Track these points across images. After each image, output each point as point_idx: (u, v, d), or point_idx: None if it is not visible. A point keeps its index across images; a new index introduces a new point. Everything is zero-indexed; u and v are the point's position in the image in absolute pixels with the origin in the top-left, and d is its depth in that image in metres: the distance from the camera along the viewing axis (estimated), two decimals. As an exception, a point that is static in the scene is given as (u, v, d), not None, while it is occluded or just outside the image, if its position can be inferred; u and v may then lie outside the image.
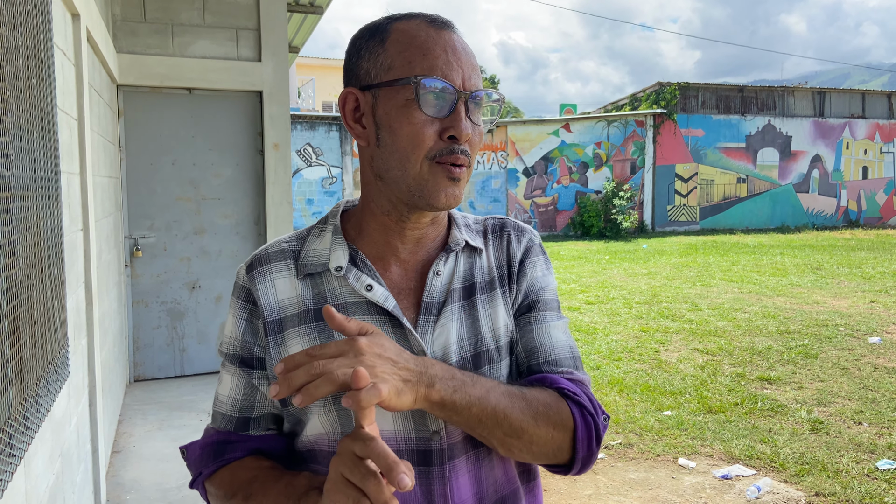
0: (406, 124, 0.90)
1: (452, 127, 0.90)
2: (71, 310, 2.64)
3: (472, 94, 0.92)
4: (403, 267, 1.00)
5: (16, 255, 1.69)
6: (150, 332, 5.52)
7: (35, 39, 2.08)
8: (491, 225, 1.10)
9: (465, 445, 0.96)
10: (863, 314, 7.63)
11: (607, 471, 3.83)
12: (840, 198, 20.30)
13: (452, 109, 0.90)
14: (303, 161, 16.35)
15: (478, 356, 0.99)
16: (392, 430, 0.93)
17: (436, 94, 0.90)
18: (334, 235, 1.00)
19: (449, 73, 0.90)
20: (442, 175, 0.91)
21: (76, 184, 2.99)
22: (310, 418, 0.95)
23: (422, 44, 0.91)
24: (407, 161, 0.91)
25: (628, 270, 11.66)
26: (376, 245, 1.00)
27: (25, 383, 1.73)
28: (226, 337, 1.02)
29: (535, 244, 1.09)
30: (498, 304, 1.03)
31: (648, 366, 5.87)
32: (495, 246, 1.07)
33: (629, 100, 20.49)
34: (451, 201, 0.93)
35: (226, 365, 1.02)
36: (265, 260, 1.00)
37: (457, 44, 0.93)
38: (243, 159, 5.69)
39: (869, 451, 3.96)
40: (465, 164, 0.93)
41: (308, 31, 7.73)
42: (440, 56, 0.91)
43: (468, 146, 0.93)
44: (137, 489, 3.61)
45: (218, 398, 1.03)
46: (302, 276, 0.98)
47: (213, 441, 1.01)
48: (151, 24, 5.24)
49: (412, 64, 0.90)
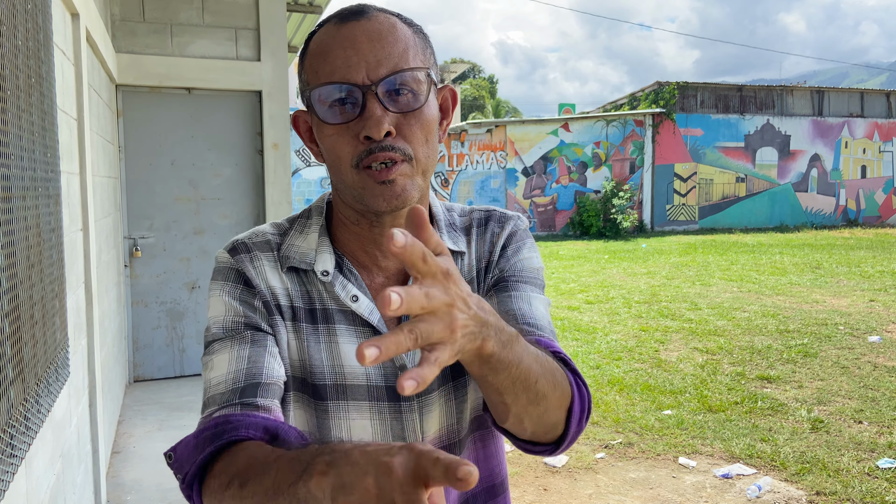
0: (324, 138, 0.88)
1: (364, 127, 0.83)
2: (71, 310, 2.64)
3: (382, 81, 0.83)
4: (385, 275, 0.97)
5: (16, 255, 1.69)
6: (150, 333, 5.51)
7: (35, 39, 2.07)
8: (477, 218, 1.04)
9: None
10: (862, 313, 7.63)
11: (608, 470, 3.82)
12: (839, 197, 20.31)
13: (363, 108, 0.84)
14: (302, 161, 16.34)
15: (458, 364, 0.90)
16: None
17: (335, 100, 0.85)
18: (320, 236, 0.96)
19: (347, 71, 0.83)
20: (370, 181, 0.85)
21: (76, 184, 2.98)
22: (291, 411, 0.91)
23: (323, 49, 0.86)
24: (340, 174, 0.88)
25: (628, 270, 11.67)
26: (357, 253, 0.97)
27: (26, 384, 1.73)
28: (215, 317, 0.90)
29: (521, 229, 1.03)
30: None
31: (648, 365, 5.87)
32: (477, 241, 1.02)
33: (628, 99, 20.50)
34: (395, 202, 0.86)
35: (217, 348, 0.88)
36: (250, 247, 0.95)
37: (359, 33, 0.85)
38: (243, 159, 5.68)
39: (869, 450, 3.96)
40: (396, 159, 0.85)
41: (307, 31, 7.72)
42: (338, 55, 0.84)
43: (400, 138, 0.85)
44: (138, 490, 3.61)
45: (212, 382, 0.86)
46: (285, 269, 0.94)
47: (211, 424, 0.81)
48: (150, 24, 5.23)
49: (318, 74, 0.86)
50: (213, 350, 0.89)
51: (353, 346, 0.92)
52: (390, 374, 0.92)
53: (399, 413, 0.92)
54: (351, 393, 0.91)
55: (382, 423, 0.92)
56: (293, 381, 0.93)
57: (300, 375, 0.93)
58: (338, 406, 0.91)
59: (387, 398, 0.92)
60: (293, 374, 0.93)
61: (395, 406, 0.92)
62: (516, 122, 18.45)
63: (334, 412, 0.91)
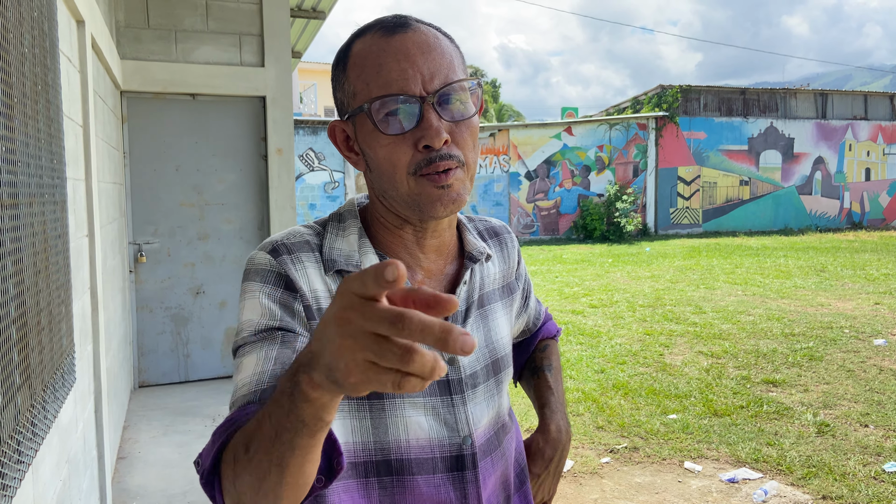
0: (378, 147, 0.89)
1: (423, 136, 0.86)
2: (77, 316, 2.64)
3: (439, 94, 0.87)
4: (428, 276, 1.00)
5: (23, 261, 1.69)
6: (155, 338, 5.52)
7: (41, 46, 2.08)
8: (485, 229, 1.12)
9: (489, 446, 0.99)
10: (867, 316, 7.61)
11: (613, 475, 3.82)
12: (843, 200, 20.27)
13: (420, 118, 0.87)
14: (305, 166, 16.37)
15: (496, 362, 1.03)
16: (427, 438, 0.93)
17: (395, 111, 0.87)
18: (360, 238, 0.96)
19: (405, 83, 0.86)
20: (429, 186, 0.89)
21: (81, 190, 2.99)
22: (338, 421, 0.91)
23: (374, 60, 0.88)
24: (393, 181, 0.90)
25: (631, 273, 11.65)
26: (401, 254, 0.98)
27: (33, 390, 1.73)
28: (249, 320, 0.87)
29: (517, 245, 1.19)
30: (509, 311, 1.09)
31: (653, 369, 5.86)
32: (497, 252, 1.11)
33: (631, 102, 20.49)
34: (452, 206, 0.90)
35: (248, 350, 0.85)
36: (290, 248, 0.92)
37: (411, 45, 0.88)
38: (247, 164, 5.70)
39: (876, 454, 3.95)
40: (452, 166, 0.89)
41: (310, 37, 7.75)
42: (393, 67, 0.86)
43: (454, 146, 0.89)
44: (143, 495, 3.61)
45: (237, 385, 0.84)
46: (331, 272, 0.93)
47: (229, 420, 0.79)
48: (155, 31, 5.25)
49: (369, 85, 0.88)
50: (243, 353, 0.87)
51: None
52: None
53: (452, 407, 0.95)
54: None
55: (436, 417, 0.94)
56: None
57: None
58: (394, 404, 0.92)
59: (439, 392, 0.95)
60: None
61: (448, 400, 0.95)
62: (519, 126, 18.46)
63: (391, 410, 0.92)
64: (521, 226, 18.03)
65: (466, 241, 1.04)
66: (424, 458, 0.93)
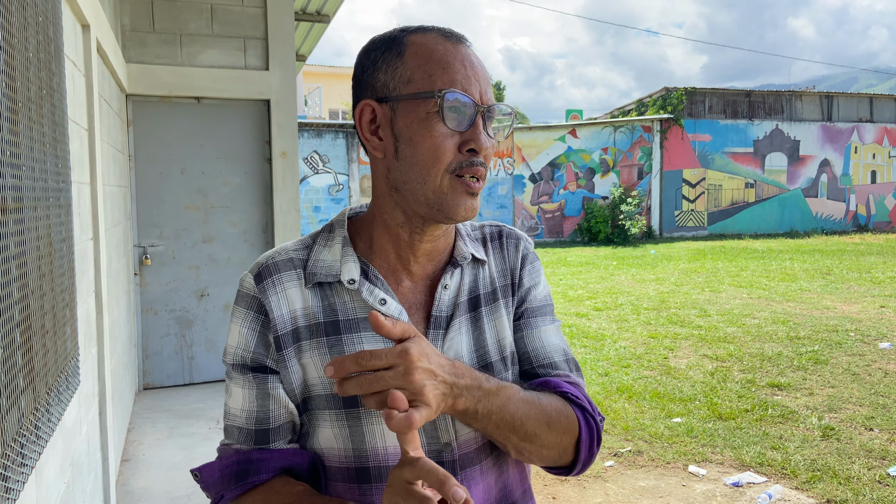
0: (427, 137, 0.91)
1: (473, 140, 0.91)
2: (81, 319, 2.65)
3: (489, 107, 0.93)
4: (413, 280, 1.01)
5: (28, 265, 1.70)
6: (159, 340, 5.54)
7: (46, 51, 2.09)
8: (489, 233, 1.12)
9: (478, 455, 0.98)
10: (873, 319, 7.58)
11: (617, 478, 3.81)
12: (849, 202, 20.21)
13: (472, 123, 0.92)
14: (309, 168, 16.39)
15: (485, 368, 1.01)
16: None
17: (457, 107, 0.91)
18: (344, 247, 0.99)
19: (468, 87, 0.91)
20: (461, 189, 0.92)
21: (86, 193, 3.01)
22: (320, 430, 0.94)
23: (441, 57, 0.92)
24: (427, 174, 0.92)
25: (636, 276, 11.64)
26: (387, 258, 1.00)
27: (37, 393, 1.74)
28: (231, 347, 0.97)
29: (530, 252, 1.13)
30: (501, 315, 1.05)
31: (657, 372, 5.85)
32: (496, 255, 1.10)
33: (636, 105, 20.48)
34: (470, 213, 0.94)
35: (233, 376, 0.98)
36: (274, 269, 0.97)
37: (473, 58, 0.94)
38: (251, 167, 5.71)
39: (881, 458, 3.93)
40: (482, 176, 0.94)
41: (315, 40, 7.77)
42: (459, 70, 0.92)
43: (484, 158, 0.94)
44: (147, 498, 3.62)
45: (230, 411, 0.98)
46: (311, 285, 0.96)
47: (233, 461, 0.95)
48: (160, 35, 5.28)
49: (433, 77, 0.91)
50: (231, 377, 0.99)
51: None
52: None
53: None
54: None
55: None
56: (320, 399, 0.94)
57: (328, 391, 0.94)
58: (369, 412, 0.93)
59: None
60: (318, 392, 0.94)
61: None
62: (524, 129, 18.46)
63: (366, 417, 0.93)
64: (526, 228, 18.02)
65: (456, 247, 1.05)
66: None
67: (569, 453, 1.00)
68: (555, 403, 0.97)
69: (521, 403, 0.92)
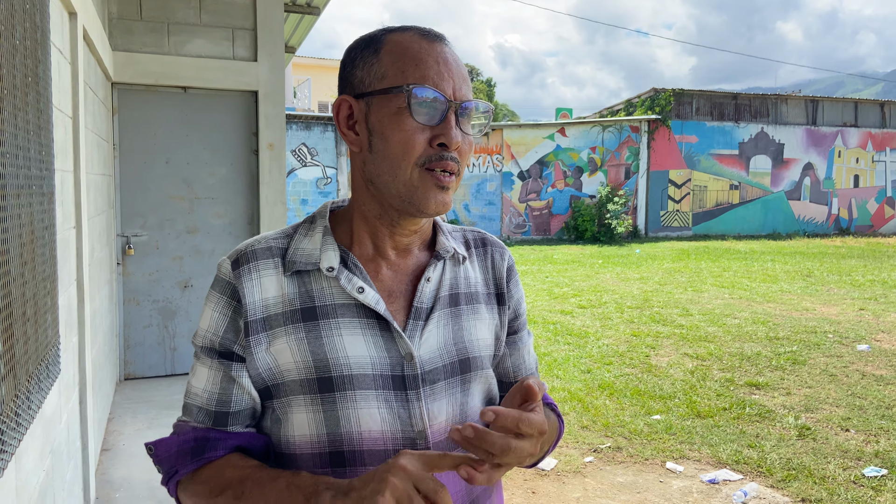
0: (397, 131, 0.93)
1: (443, 134, 0.93)
2: (63, 307, 2.65)
3: (462, 104, 0.95)
4: (394, 270, 1.03)
5: (10, 252, 1.70)
6: (141, 331, 5.51)
7: (32, 38, 2.09)
8: (472, 238, 1.14)
9: (449, 444, 0.99)
10: (852, 321, 7.68)
11: (596, 474, 3.85)
12: (831, 206, 20.42)
13: (443, 118, 0.93)
14: (298, 161, 16.34)
15: (465, 361, 1.03)
16: (380, 431, 0.95)
17: (427, 102, 0.92)
18: (325, 236, 1.00)
19: (440, 82, 0.93)
20: (431, 183, 0.94)
21: (70, 182, 2.99)
22: (294, 416, 0.96)
23: (414, 54, 0.94)
24: (398, 167, 0.94)
25: (621, 275, 11.71)
26: (366, 249, 1.02)
27: (18, 380, 1.74)
28: (202, 329, 0.99)
29: (513, 263, 1.17)
30: (482, 318, 1.08)
31: (639, 370, 5.90)
32: (480, 261, 1.12)
33: (624, 105, 20.58)
34: (441, 208, 0.95)
35: (200, 357, 1.00)
36: (251, 256, 0.99)
37: (448, 56, 0.96)
38: (237, 159, 5.69)
39: (856, 458, 4.00)
40: (454, 171, 0.95)
41: (305, 32, 7.74)
42: (432, 66, 0.93)
43: (458, 154, 0.95)
44: (126, 487, 3.61)
45: (192, 390, 1.00)
46: (289, 273, 0.98)
47: (190, 438, 0.97)
48: (147, 23, 5.24)
49: (405, 73, 0.93)
50: (199, 358, 1.01)
51: (357, 336, 0.96)
52: (396, 362, 0.96)
53: (406, 401, 0.96)
54: (357, 382, 0.94)
55: (390, 411, 0.95)
56: (294, 385, 0.96)
57: (303, 377, 0.95)
58: (344, 396, 0.94)
59: (392, 386, 0.96)
60: (292, 377, 0.96)
61: (402, 395, 0.96)
62: (513, 126, 18.50)
63: (341, 402, 0.94)
64: (513, 225, 18.08)
65: (438, 241, 1.07)
66: (377, 450, 0.94)
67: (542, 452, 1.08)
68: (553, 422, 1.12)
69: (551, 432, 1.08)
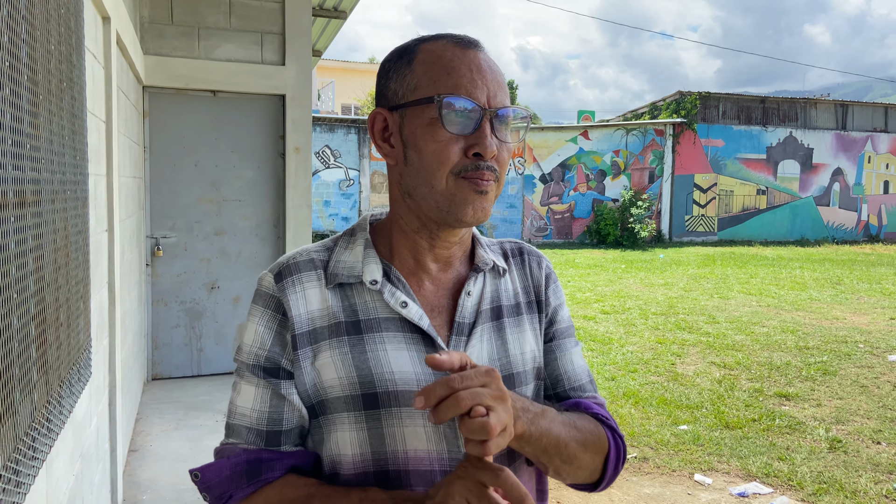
0: (431, 142, 0.91)
1: (477, 144, 0.91)
2: (94, 310, 2.66)
3: (498, 111, 0.92)
4: (435, 285, 1.01)
5: (44, 258, 1.71)
6: (169, 332, 5.56)
7: (67, 43, 2.10)
8: (510, 249, 1.12)
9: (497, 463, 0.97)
10: (882, 331, 7.54)
11: (622, 485, 3.80)
12: (861, 212, 20.08)
13: (477, 127, 0.91)
14: (321, 163, 16.42)
15: (509, 377, 1.01)
16: (426, 450, 0.93)
17: (459, 112, 0.90)
18: (366, 249, 0.99)
19: (473, 91, 0.91)
20: (468, 188, 0.91)
21: (103, 185, 3.02)
22: (337, 434, 0.94)
23: (447, 63, 0.92)
24: (433, 178, 0.92)
25: (644, 280, 11.60)
26: (407, 262, 1.00)
27: (50, 386, 1.75)
28: (246, 346, 0.97)
29: (552, 270, 1.14)
30: (525, 330, 1.06)
31: (664, 378, 5.83)
32: (518, 271, 1.10)
33: (648, 108, 20.40)
34: (480, 215, 0.93)
35: (245, 375, 0.96)
36: (294, 269, 0.97)
37: (483, 62, 0.93)
38: (264, 162, 5.73)
39: (888, 472, 3.91)
40: (491, 179, 0.93)
41: (331, 36, 7.77)
42: (465, 74, 0.91)
43: (495, 163, 0.93)
44: (153, 489, 3.64)
45: (238, 410, 0.96)
46: (332, 285, 0.97)
47: (242, 460, 0.93)
48: (178, 27, 5.29)
49: (437, 83, 0.91)
50: (242, 375, 0.98)
51: (402, 352, 0.94)
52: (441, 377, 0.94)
53: (452, 420, 0.93)
54: (403, 399, 0.93)
55: (436, 429, 0.93)
56: (338, 402, 0.94)
57: (347, 393, 0.94)
58: (389, 413, 0.93)
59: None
60: (335, 394, 0.94)
61: None
62: (535, 129, 18.42)
63: (386, 419, 0.93)
64: (535, 229, 18.00)
65: (477, 254, 1.05)
66: (423, 471, 0.92)
67: (598, 472, 1.03)
68: (588, 425, 1.00)
69: (562, 426, 0.95)
